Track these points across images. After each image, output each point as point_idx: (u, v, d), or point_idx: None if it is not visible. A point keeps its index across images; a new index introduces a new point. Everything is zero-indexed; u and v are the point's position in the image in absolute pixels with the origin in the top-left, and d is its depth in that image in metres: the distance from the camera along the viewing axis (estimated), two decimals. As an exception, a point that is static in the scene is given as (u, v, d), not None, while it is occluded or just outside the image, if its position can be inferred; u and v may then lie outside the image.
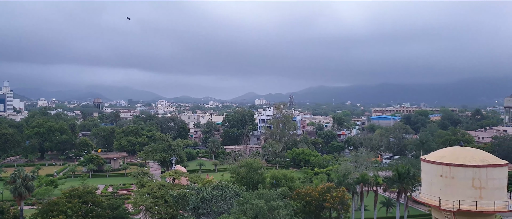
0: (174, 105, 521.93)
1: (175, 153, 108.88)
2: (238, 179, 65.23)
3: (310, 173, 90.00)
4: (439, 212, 36.45)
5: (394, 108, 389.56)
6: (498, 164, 35.41)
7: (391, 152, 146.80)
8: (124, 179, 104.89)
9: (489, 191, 34.27)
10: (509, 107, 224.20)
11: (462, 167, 34.78)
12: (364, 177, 69.29)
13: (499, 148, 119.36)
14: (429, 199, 36.69)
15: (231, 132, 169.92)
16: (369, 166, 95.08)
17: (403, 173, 65.62)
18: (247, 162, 67.37)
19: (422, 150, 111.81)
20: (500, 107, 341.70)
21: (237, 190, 50.12)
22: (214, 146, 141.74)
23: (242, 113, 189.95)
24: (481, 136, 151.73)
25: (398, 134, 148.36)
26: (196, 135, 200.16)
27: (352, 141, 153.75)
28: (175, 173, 70.91)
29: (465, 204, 34.09)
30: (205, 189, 49.49)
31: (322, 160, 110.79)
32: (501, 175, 35.48)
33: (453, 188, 35.02)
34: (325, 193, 57.42)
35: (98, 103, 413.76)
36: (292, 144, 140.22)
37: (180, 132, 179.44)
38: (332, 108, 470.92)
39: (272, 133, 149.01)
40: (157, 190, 57.81)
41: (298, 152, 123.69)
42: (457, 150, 37.92)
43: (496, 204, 34.09)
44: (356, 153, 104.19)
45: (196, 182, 63.48)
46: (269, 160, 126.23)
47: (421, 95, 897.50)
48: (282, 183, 61.36)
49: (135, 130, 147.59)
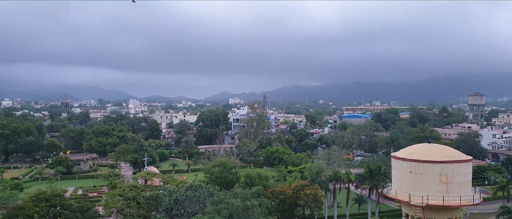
0: (146, 105, 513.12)
1: (147, 154, 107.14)
2: (212, 179, 64.82)
3: (284, 171, 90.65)
4: (409, 207, 37.37)
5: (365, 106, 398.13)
6: (463, 159, 36.65)
7: (363, 149, 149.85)
8: (94, 181, 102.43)
9: (455, 186, 35.40)
10: (473, 105, 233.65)
11: (430, 163, 35.76)
12: (336, 174, 70.35)
13: (464, 144, 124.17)
14: (399, 195, 37.51)
15: (205, 132, 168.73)
16: (342, 164, 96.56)
17: (374, 170, 67.06)
18: (221, 161, 67.05)
19: (392, 147, 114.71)
20: (465, 105, 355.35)
21: (211, 190, 49.79)
22: (187, 146, 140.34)
23: (216, 112, 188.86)
24: (448, 132, 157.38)
25: (369, 132, 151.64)
26: (169, 135, 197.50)
27: (325, 139, 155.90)
28: (148, 174, 69.73)
29: (433, 199, 35.08)
30: (178, 190, 48.90)
31: (295, 158, 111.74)
32: (466, 170, 36.75)
33: (422, 183, 35.95)
34: (299, 191, 57.99)
35: (66, 103, 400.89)
36: (266, 143, 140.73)
37: (152, 132, 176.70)
38: (306, 107, 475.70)
39: (246, 132, 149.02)
40: (129, 191, 56.68)
41: (272, 151, 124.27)
42: (425, 146, 38.97)
43: (462, 198, 35.24)
44: (328, 151, 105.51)
45: (169, 182, 62.64)
46: (243, 159, 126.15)
47: (391, 94, 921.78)
48: (256, 182, 61.39)
49: (105, 131, 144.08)
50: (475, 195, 37.33)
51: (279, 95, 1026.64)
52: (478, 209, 71.64)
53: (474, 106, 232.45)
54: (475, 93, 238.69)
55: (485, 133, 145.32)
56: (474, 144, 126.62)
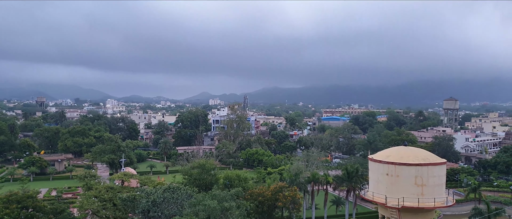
0: (124, 105, 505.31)
1: (125, 155, 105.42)
2: (190, 181, 64.25)
3: (263, 173, 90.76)
4: (385, 209, 38.00)
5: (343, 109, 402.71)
6: (438, 162, 37.54)
7: (341, 151, 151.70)
8: (69, 182, 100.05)
9: (430, 188, 36.22)
10: (447, 109, 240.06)
11: (406, 166, 36.47)
12: (315, 176, 70.94)
13: (438, 147, 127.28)
14: (376, 197, 38.09)
15: (184, 133, 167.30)
16: (320, 165, 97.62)
17: (351, 172, 67.93)
18: (200, 163, 66.56)
19: (370, 150, 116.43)
20: (440, 109, 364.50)
21: (189, 192, 49.34)
22: (166, 147, 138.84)
23: (195, 113, 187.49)
24: (423, 136, 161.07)
25: (347, 134, 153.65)
26: (147, 135, 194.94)
27: (304, 141, 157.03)
28: (125, 175, 68.59)
29: (409, 201, 35.78)
30: (156, 192, 48.25)
31: (275, 159, 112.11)
32: (441, 172, 37.67)
33: (398, 186, 36.61)
34: (278, 193, 58.16)
35: (41, 102, 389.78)
36: (246, 144, 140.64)
37: (130, 132, 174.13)
38: (285, 109, 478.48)
39: (226, 133, 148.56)
40: (105, 193, 55.62)
41: (252, 152, 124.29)
42: (402, 149, 39.75)
43: (436, 200, 36.10)
44: (307, 153, 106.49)
45: (146, 184, 61.79)
46: (222, 161, 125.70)
47: (369, 97, 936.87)
48: (235, 184, 61.28)
49: (82, 130, 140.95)
50: (449, 197, 38.25)
51: (260, 97, 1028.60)
52: (451, 210, 73.46)
53: (448, 110, 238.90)
54: (449, 98, 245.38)
55: (459, 137, 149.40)
56: (448, 147, 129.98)
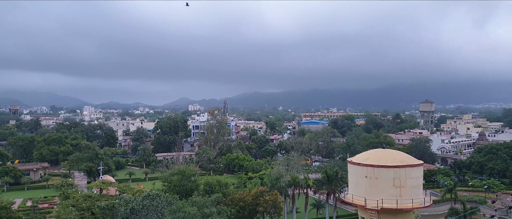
0: (102, 111, 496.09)
1: (103, 162, 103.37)
2: (170, 188, 63.50)
3: (244, 178, 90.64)
4: (365, 211, 38.52)
5: (322, 113, 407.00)
6: (415, 164, 38.40)
7: (320, 155, 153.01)
8: (45, 192, 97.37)
9: (407, 189, 36.97)
10: (423, 112, 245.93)
11: (384, 168, 37.14)
12: (295, 180, 71.26)
13: (415, 149, 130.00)
14: (355, 199, 38.60)
15: (163, 139, 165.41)
16: (300, 169, 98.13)
17: (331, 175, 68.55)
18: (179, 169, 65.91)
19: (349, 153, 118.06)
20: (416, 112, 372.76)
21: (169, 199, 48.78)
22: (144, 153, 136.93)
23: (174, 119, 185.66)
24: (401, 138, 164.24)
25: (326, 138, 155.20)
26: (125, 142, 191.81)
27: (284, 145, 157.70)
28: (103, 183, 67.16)
29: (388, 203, 36.42)
30: (135, 199, 47.49)
31: (255, 164, 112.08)
32: (418, 174, 38.53)
33: (377, 188, 37.23)
34: (259, 197, 58.13)
35: (15, 110, 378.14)
36: (227, 150, 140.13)
37: (108, 139, 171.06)
38: (266, 114, 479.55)
39: (206, 139, 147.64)
40: (82, 201, 54.37)
41: (233, 157, 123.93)
42: (380, 152, 40.46)
43: (414, 201, 36.88)
44: (287, 157, 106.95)
45: (125, 192, 60.77)
46: (203, 167, 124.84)
47: (347, 101, 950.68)
48: (216, 189, 60.92)
49: (58, 138, 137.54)
50: (426, 198, 39.13)
51: (240, 102, 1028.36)
52: (428, 211, 74.95)
53: (424, 113, 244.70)
54: (425, 101, 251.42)
55: (435, 138, 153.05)
56: (425, 149, 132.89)
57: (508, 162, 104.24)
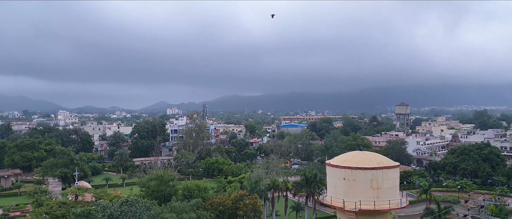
0: (77, 116, 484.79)
1: (78, 168, 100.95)
2: (148, 193, 62.62)
3: (223, 182, 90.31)
4: (343, 213, 38.90)
5: (301, 116, 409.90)
6: (391, 165, 39.05)
7: (300, 157, 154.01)
8: (17, 199, 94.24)
9: (384, 191, 37.57)
10: (399, 115, 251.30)
11: (362, 170, 37.63)
12: (275, 183, 71.51)
13: (392, 151, 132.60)
14: (334, 201, 38.93)
15: (141, 144, 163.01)
16: (280, 172, 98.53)
17: (310, 178, 69.14)
18: (157, 174, 65.10)
19: (327, 155, 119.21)
20: (392, 115, 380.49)
21: (147, 205, 47.98)
22: (121, 158, 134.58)
23: (152, 123, 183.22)
24: (377, 140, 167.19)
25: (305, 140, 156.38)
26: (101, 147, 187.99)
27: (264, 148, 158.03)
28: (78, 189, 65.56)
29: (365, 204, 36.90)
30: (112, 205, 46.48)
31: (235, 168, 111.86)
32: (394, 175, 39.22)
33: (355, 189, 37.69)
34: (238, 201, 57.98)
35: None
36: (206, 154, 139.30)
37: (84, 144, 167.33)
38: (245, 117, 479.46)
39: (185, 143, 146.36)
40: (57, 208, 52.92)
41: (212, 161, 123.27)
42: (357, 154, 41.00)
43: (391, 202, 37.47)
44: (267, 160, 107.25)
45: (102, 198, 59.51)
46: (181, 171, 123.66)
47: (325, 104, 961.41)
48: (195, 194, 60.46)
49: (31, 144, 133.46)
50: (403, 199, 39.82)
51: (219, 106, 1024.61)
52: (405, 212, 76.53)
53: (400, 115, 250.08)
54: (401, 103, 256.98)
55: (410, 140, 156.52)
56: (401, 151, 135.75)
57: (479, 163, 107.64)
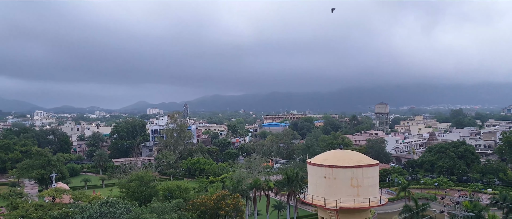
0: (54, 116, 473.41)
1: (56, 169, 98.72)
2: (128, 194, 61.76)
3: (205, 182, 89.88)
4: (324, 211, 39.31)
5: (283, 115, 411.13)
6: (371, 164, 39.70)
7: (281, 156, 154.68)
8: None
9: (364, 189, 38.15)
10: (379, 114, 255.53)
11: (342, 168, 38.10)
12: (257, 182, 71.61)
13: (371, 149, 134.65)
14: (315, 200, 39.28)
15: (121, 144, 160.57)
16: (262, 171, 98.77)
17: (291, 176, 69.53)
18: (138, 175, 64.28)
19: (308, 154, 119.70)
20: (372, 114, 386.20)
21: (128, 206, 47.33)
22: (101, 159, 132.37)
23: (132, 123, 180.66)
24: (358, 139, 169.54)
25: (287, 140, 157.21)
26: (80, 148, 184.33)
27: (246, 148, 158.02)
28: (56, 191, 64.08)
29: (346, 202, 37.38)
30: (91, 207, 45.65)
31: (217, 168, 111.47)
32: (374, 173, 39.87)
33: (336, 188, 38.13)
34: (220, 201, 57.83)
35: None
36: (187, 154, 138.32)
37: (62, 145, 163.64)
38: (227, 117, 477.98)
39: (166, 143, 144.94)
40: (33, 211, 51.58)
41: (193, 162, 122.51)
42: (338, 152, 41.51)
43: (371, 200, 38.09)
44: (249, 159, 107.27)
45: (80, 199, 58.39)
46: (162, 172, 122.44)
47: (306, 103, 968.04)
48: (176, 195, 59.97)
49: (5, 145, 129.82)
50: (382, 196, 40.56)
51: (201, 105, 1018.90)
52: (384, 209, 77.89)
53: (379, 114, 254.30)
54: (380, 103, 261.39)
55: (390, 139, 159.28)
56: (380, 149, 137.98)
57: (455, 160, 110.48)
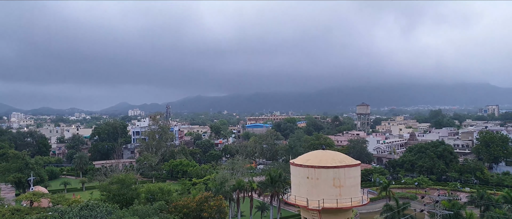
0: (32, 118, 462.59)
1: (34, 172, 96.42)
2: (109, 197, 60.67)
3: (188, 184, 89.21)
4: (307, 211, 39.53)
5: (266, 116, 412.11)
6: (353, 164, 40.15)
7: (265, 157, 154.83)
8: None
9: (346, 189, 38.54)
10: (360, 114, 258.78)
11: (324, 168, 38.41)
12: (240, 183, 71.50)
13: (353, 149, 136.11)
14: (298, 200, 39.49)
15: (101, 146, 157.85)
16: (245, 173, 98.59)
17: (275, 177, 69.70)
18: (119, 177, 63.24)
19: (291, 155, 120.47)
20: (353, 114, 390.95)
21: (109, 209, 46.51)
22: (81, 162, 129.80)
23: (113, 124, 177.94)
24: (340, 139, 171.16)
25: (270, 141, 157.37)
26: (59, 150, 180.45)
27: (229, 149, 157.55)
28: (34, 195, 62.56)
29: (328, 202, 37.69)
30: (71, 210, 44.68)
31: (200, 169, 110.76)
32: (356, 173, 40.34)
33: (318, 188, 38.39)
34: (203, 203, 57.40)
35: None
36: (170, 156, 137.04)
37: (40, 148, 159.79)
38: (210, 118, 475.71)
39: (147, 145, 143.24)
40: (10, 216, 50.30)
41: (176, 164, 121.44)
42: (320, 153, 41.81)
43: (353, 200, 38.52)
44: (232, 161, 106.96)
45: (60, 203, 57.02)
46: (144, 174, 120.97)
47: (289, 104, 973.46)
48: (158, 197, 59.26)
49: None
50: (364, 196, 41.05)
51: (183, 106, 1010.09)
52: (366, 208, 78.92)
53: (361, 115, 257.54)
54: (361, 104, 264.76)
55: (371, 139, 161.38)
56: (362, 150, 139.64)
57: (435, 160, 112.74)
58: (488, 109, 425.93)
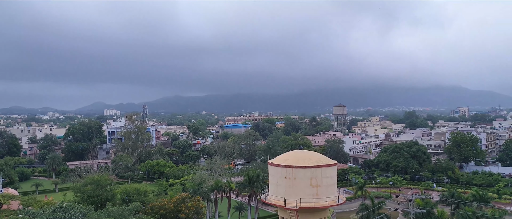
0: (2, 117, 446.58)
1: (3, 174, 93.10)
2: (84, 198, 59.43)
3: (165, 185, 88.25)
4: (284, 211, 39.70)
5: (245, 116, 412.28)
6: (330, 164, 40.55)
7: (243, 158, 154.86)
8: None
9: (323, 188, 38.92)
10: (337, 115, 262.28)
11: (302, 168, 38.67)
12: (218, 184, 71.23)
13: (330, 149, 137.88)
14: (276, 200, 39.59)
15: (75, 146, 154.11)
16: (223, 173, 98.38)
17: (253, 177, 69.77)
18: (94, 178, 62.02)
19: (269, 155, 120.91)
20: (330, 115, 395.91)
21: (83, 210, 45.51)
22: (54, 162, 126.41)
23: (88, 124, 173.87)
24: (317, 139, 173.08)
25: (249, 141, 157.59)
26: (31, 151, 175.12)
27: (207, 149, 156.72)
28: (3, 197, 60.35)
29: (305, 202, 37.95)
30: (43, 212, 43.47)
31: (177, 170, 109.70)
32: (332, 173, 40.77)
33: (296, 188, 38.62)
34: (180, 204, 56.95)
35: None
36: (146, 156, 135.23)
37: (10, 148, 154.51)
38: (188, 118, 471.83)
39: (123, 146, 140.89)
40: (-23, 220, 48.26)
41: (153, 164, 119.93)
42: (298, 153, 42.08)
43: (329, 199, 38.91)
44: (210, 161, 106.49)
45: (31, 205, 55.28)
46: (120, 175, 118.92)
47: (268, 105, 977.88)
48: (134, 198, 58.46)
49: None
50: (340, 196, 41.53)
51: (161, 106, 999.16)
52: (342, 208, 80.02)
53: (338, 116, 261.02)
54: (338, 104, 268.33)
55: (347, 140, 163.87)
56: (339, 150, 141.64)
57: (409, 160, 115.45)
58: (459, 111, 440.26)
